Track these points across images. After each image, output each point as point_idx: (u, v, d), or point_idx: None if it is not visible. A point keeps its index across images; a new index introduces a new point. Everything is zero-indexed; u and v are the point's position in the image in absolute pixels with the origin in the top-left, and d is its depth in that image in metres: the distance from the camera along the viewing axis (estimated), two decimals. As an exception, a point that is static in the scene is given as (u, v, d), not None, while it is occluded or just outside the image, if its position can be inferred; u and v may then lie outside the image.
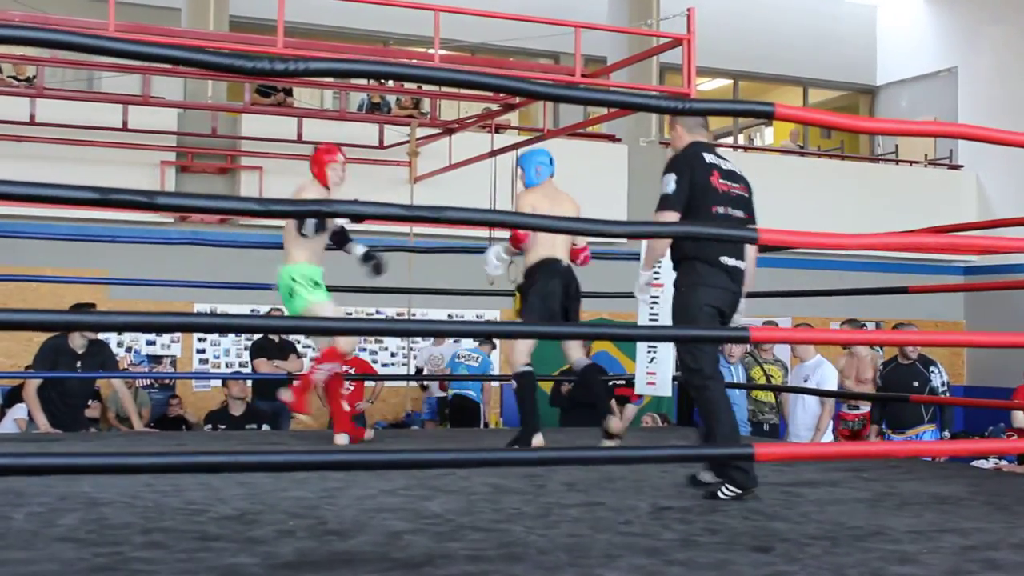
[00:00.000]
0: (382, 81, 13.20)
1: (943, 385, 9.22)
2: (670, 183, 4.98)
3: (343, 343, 6.82)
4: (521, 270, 6.90)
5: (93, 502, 4.38)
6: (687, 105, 3.95)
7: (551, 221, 4.05)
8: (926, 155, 17.59)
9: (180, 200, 3.74)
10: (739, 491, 4.72)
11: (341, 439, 6.95)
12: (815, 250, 12.85)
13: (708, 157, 5.07)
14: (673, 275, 7.41)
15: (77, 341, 8.36)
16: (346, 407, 7.34)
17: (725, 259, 4.99)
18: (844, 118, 4.60)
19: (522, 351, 6.75)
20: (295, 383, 6.99)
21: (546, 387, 13.30)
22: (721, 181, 5.03)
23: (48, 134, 11.26)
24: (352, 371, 11.49)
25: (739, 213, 5.07)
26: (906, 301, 12.90)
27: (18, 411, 9.98)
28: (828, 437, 9.53)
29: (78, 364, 8.31)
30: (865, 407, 9.64)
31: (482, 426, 11.89)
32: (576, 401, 10.91)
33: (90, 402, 9.35)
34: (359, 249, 6.89)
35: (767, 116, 3.90)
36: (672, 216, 4.94)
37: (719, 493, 4.74)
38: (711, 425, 4.92)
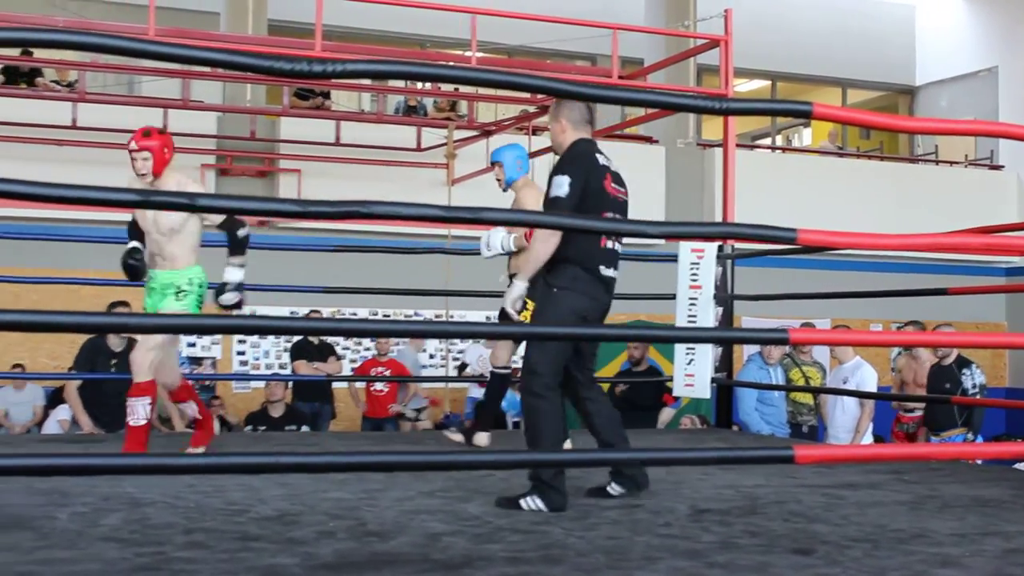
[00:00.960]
0: (419, 84, 13.24)
1: (975, 387, 9.12)
2: (563, 186, 4.68)
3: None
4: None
5: (136, 502, 4.41)
6: (725, 105, 3.92)
7: (589, 222, 4.03)
8: (966, 155, 17.44)
9: (220, 202, 3.76)
10: (545, 508, 4.46)
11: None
12: (854, 251, 12.78)
13: (600, 159, 4.85)
14: (712, 275, 7.45)
15: (114, 341, 8.42)
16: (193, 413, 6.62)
17: (604, 269, 4.83)
18: (882, 117, 4.55)
19: (507, 354, 6.67)
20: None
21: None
22: (612, 185, 4.85)
23: (90, 138, 11.34)
24: (388, 372, 11.58)
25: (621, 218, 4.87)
26: (947, 302, 12.76)
27: (61, 412, 10.09)
28: (868, 439, 9.46)
29: (114, 363, 8.36)
30: (920, 410, 9.56)
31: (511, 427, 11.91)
32: (630, 403, 10.95)
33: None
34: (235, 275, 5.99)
35: (805, 116, 3.86)
36: None
37: (521, 503, 4.50)
38: (535, 434, 4.68)
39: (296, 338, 11.16)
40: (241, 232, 5.89)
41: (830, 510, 4.61)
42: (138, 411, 5.80)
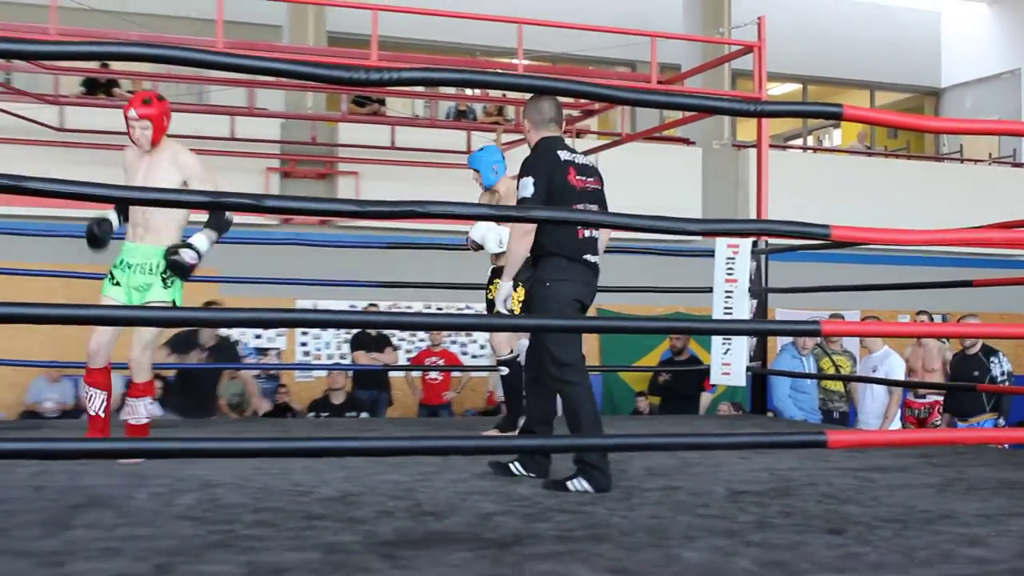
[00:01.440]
0: (469, 90, 13.25)
1: (1003, 375, 9.04)
2: (528, 187, 4.67)
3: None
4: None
5: (208, 483, 4.45)
6: (759, 107, 3.90)
7: (631, 219, 4.01)
8: (990, 154, 17.27)
9: (284, 203, 3.77)
10: (592, 490, 4.46)
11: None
12: (883, 246, 12.67)
13: (563, 154, 4.79)
14: (746, 269, 7.41)
15: (205, 335, 8.57)
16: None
17: (588, 256, 4.80)
18: (909, 118, 4.52)
19: (507, 343, 6.57)
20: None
21: (632, 377, 13.30)
22: (578, 178, 4.78)
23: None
24: (441, 362, 11.63)
25: (594, 208, 4.81)
26: (972, 294, 12.58)
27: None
28: (896, 425, 9.40)
29: (204, 355, 8.53)
30: (932, 396, 9.52)
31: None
32: (672, 391, 10.94)
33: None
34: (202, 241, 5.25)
35: (836, 117, 3.84)
36: None
37: (568, 485, 4.49)
38: (575, 420, 4.64)
39: (355, 330, 11.27)
40: (228, 215, 5.28)
41: (861, 492, 4.58)
42: (139, 410, 5.31)
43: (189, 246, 5.15)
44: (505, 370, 6.57)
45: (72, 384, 11.75)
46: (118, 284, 5.27)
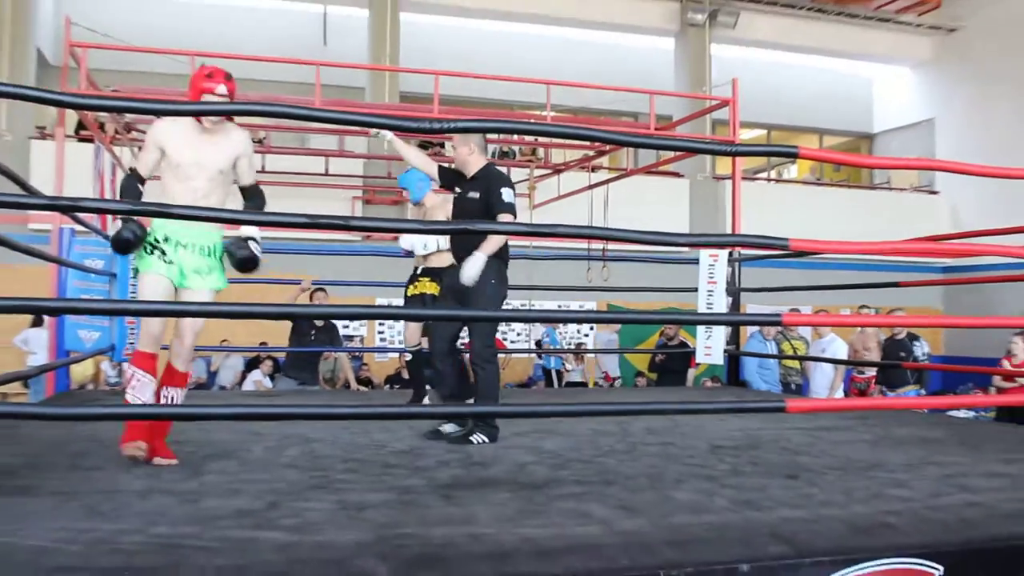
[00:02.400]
0: (509, 135, 13.23)
1: (923, 355, 9.01)
2: (511, 195, 4.58)
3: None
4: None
5: (308, 439, 4.48)
6: (733, 148, 3.88)
7: (635, 235, 3.98)
8: (912, 184, 17.21)
9: (367, 223, 3.79)
10: (487, 440, 4.50)
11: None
12: (831, 255, 12.55)
13: None
14: (724, 273, 7.35)
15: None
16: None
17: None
18: (854, 157, 4.48)
19: (417, 335, 6.21)
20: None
21: (639, 359, 13.24)
22: None
23: (274, 179, 11.52)
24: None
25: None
26: (899, 292, 12.45)
27: (256, 375, 10.28)
28: (839, 394, 9.34)
29: (314, 333, 8.43)
30: (870, 372, 9.46)
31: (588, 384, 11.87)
32: (666, 368, 10.91)
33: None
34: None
35: (793, 156, 3.81)
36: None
37: (472, 439, 4.49)
38: (494, 389, 4.57)
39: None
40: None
41: (812, 446, 4.54)
42: (177, 400, 3.88)
43: (251, 239, 3.92)
44: (408, 355, 6.31)
45: (204, 362, 11.87)
46: (168, 261, 3.80)
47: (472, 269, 4.50)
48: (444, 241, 5.72)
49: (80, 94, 3.24)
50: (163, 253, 3.80)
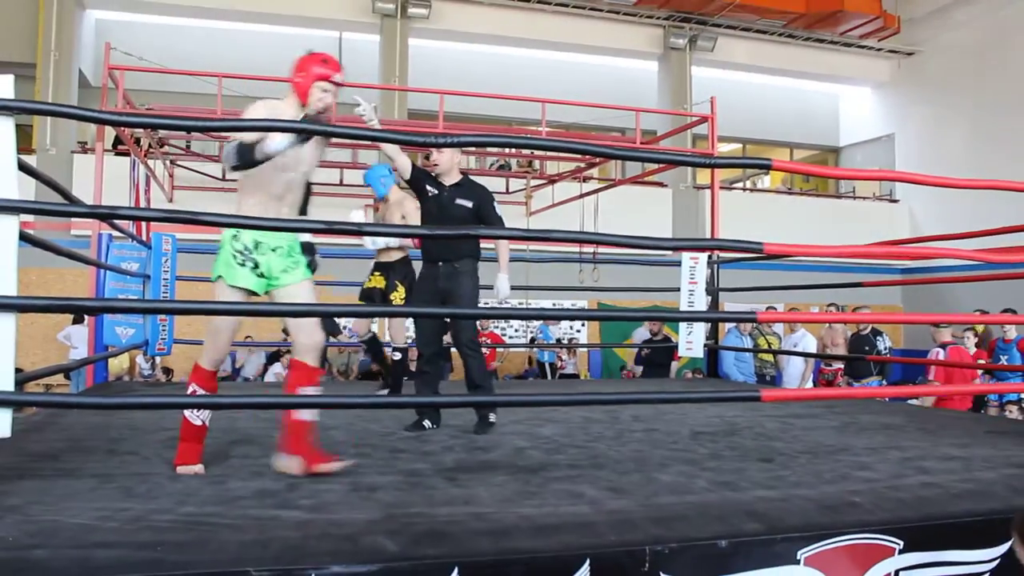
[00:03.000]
0: (507, 149, 13.24)
1: (885, 348, 8.99)
2: (496, 208, 4.54)
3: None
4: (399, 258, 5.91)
5: (324, 427, 4.45)
6: (712, 161, 3.87)
7: (622, 239, 3.96)
8: (874, 193, 17.21)
9: (377, 229, 3.79)
10: (434, 426, 4.48)
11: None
12: (802, 257, 12.55)
13: None
14: (704, 275, 7.34)
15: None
16: None
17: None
18: (823, 169, 4.46)
19: (366, 327, 6.16)
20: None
21: (621, 351, 13.22)
22: None
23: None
24: (488, 341, 11.60)
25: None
26: (863, 291, 12.49)
27: (277, 367, 10.27)
28: (809, 384, 9.33)
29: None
30: (837, 364, 9.45)
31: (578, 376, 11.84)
32: (651, 361, 10.90)
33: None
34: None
35: (767, 168, 3.81)
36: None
37: (424, 424, 4.47)
38: (486, 376, 4.57)
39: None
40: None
41: (784, 432, 4.54)
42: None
43: (312, 247, 3.53)
44: (363, 346, 6.19)
45: (231, 356, 11.84)
46: (259, 272, 3.30)
47: (505, 287, 4.55)
48: (394, 239, 5.48)
49: (117, 112, 3.24)
50: (255, 265, 3.28)
